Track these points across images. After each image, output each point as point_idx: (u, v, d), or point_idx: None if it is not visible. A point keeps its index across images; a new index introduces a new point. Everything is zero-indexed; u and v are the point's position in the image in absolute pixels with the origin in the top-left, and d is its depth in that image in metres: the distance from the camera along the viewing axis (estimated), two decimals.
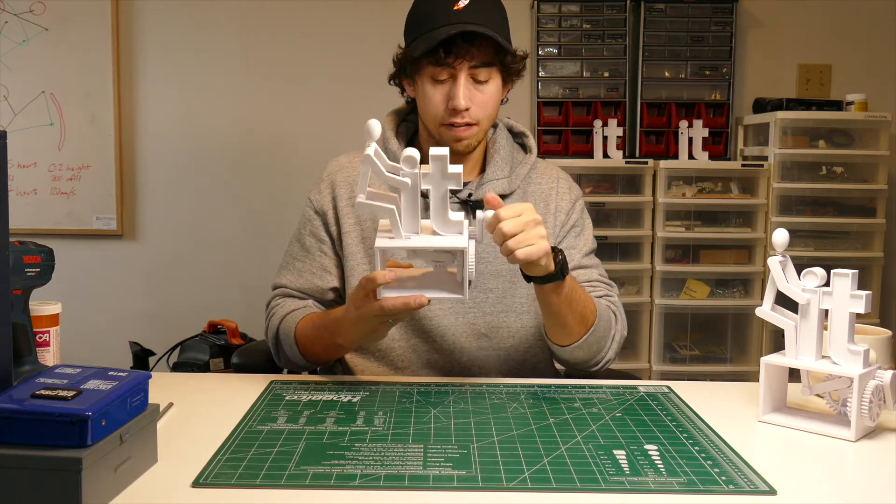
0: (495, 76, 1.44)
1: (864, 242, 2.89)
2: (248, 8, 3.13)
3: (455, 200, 1.47)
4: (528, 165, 1.56)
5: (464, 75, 1.40)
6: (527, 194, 1.54)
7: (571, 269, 1.51)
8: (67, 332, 1.37)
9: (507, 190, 1.50)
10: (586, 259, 1.56)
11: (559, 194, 1.57)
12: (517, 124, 1.62)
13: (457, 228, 1.19)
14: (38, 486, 0.80)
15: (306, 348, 1.42)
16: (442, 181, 1.18)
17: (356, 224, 1.50)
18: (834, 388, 1.14)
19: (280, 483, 0.92)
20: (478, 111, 1.43)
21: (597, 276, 1.55)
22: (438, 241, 1.19)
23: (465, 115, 1.42)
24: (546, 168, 1.61)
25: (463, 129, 1.43)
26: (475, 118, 1.43)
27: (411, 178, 1.16)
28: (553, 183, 1.58)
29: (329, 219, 1.52)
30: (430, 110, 1.44)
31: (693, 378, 2.69)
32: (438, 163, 1.17)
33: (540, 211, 1.50)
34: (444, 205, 1.18)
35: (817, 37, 3.15)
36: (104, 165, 3.14)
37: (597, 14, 3.04)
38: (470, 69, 1.40)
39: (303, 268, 1.53)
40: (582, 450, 1.03)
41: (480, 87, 1.43)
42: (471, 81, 1.41)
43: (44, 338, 1.25)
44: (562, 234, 1.55)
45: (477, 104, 1.43)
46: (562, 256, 1.30)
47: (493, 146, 1.55)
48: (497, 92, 1.46)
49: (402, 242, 1.18)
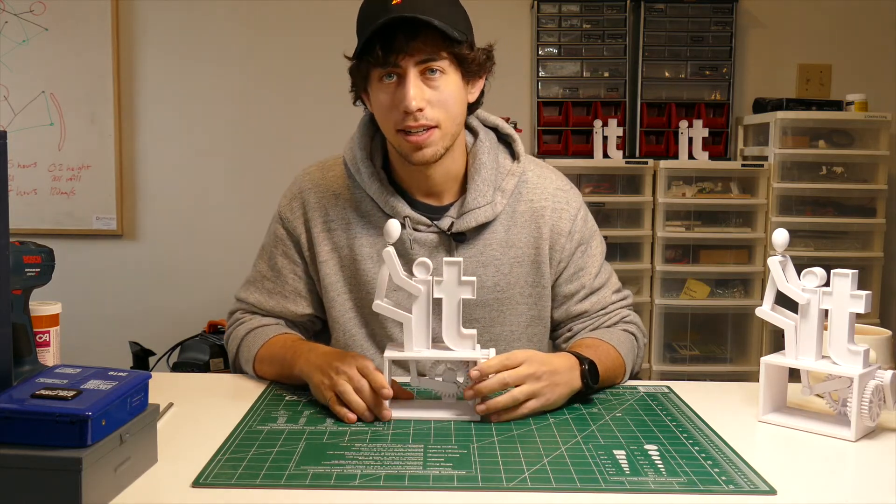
0: (451, 72, 1.29)
1: (864, 242, 2.89)
2: (249, 8, 3.13)
3: (435, 230, 1.37)
4: (514, 178, 1.40)
5: (412, 73, 1.26)
6: (516, 214, 1.40)
7: (585, 295, 1.45)
8: (67, 332, 1.37)
9: (491, 217, 1.37)
10: (598, 280, 1.45)
11: (556, 213, 1.42)
12: (503, 126, 1.46)
13: (469, 343, 1.16)
14: (38, 486, 0.80)
15: (262, 366, 1.36)
16: (456, 290, 1.15)
17: (332, 251, 1.40)
18: (834, 388, 1.14)
19: (280, 483, 0.92)
20: (435, 112, 1.28)
21: (610, 297, 1.46)
22: (448, 354, 1.16)
23: (420, 118, 1.27)
24: (539, 181, 1.44)
25: (421, 135, 1.28)
26: (433, 120, 1.28)
27: (424, 284, 1.14)
28: (547, 201, 1.42)
29: (302, 244, 1.42)
30: (383, 118, 1.31)
31: (693, 378, 2.68)
32: (454, 269, 1.15)
33: (530, 233, 1.41)
34: (458, 317, 1.15)
35: (817, 37, 3.15)
36: (104, 165, 3.14)
37: (597, 14, 3.04)
38: (418, 65, 1.26)
39: (273, 289, 1.44)
40: (582, 450, 1.03)
41: (434, 84, 1.28)
42: (423, 79, 1.27)
43: (44, 338, 1.25)
44: (564, 258, 1.43)
45: (432, 104, 1.28)
46: (587, 366, 1.22)
47: (473, 161, 1.39)
48: (457, 90, 1.30)
49: (411, 354, 1.16)
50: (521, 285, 1.41)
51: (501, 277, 1.40)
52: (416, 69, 1.27)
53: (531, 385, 1.15)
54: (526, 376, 1.15)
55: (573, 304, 1.45)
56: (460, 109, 1.33)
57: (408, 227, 1.36)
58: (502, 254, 1.40)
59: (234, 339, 1.44)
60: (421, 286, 1.14)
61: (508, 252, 1.40)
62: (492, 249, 1.39)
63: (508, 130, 1.46)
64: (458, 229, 1.36)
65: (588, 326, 1.44)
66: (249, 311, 1.47)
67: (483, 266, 1.39)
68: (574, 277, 1.44)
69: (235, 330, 1.45)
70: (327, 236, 1.41)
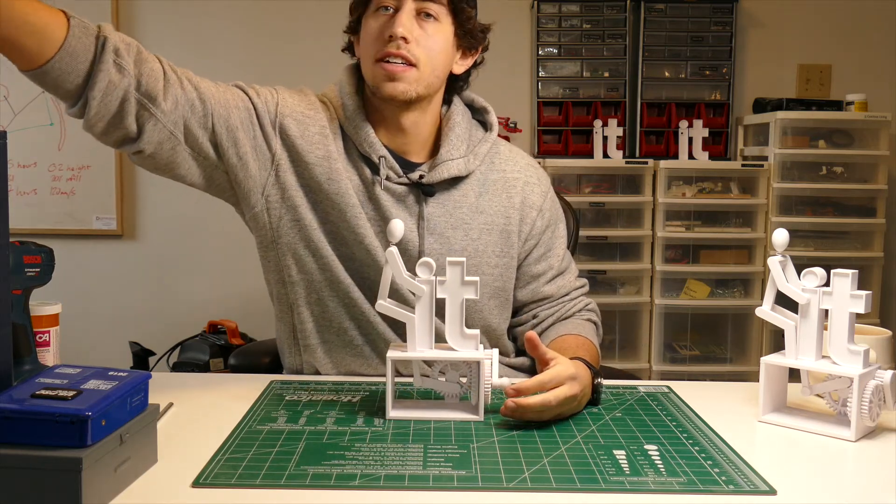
0: (445, 23, 1.33)
1: (864, 242, 2.89)
2: (249, 8, 3.13)
3: (405, 182, 1.37)
4: (487, 144, 1.43)
5: (408, 6, 1.30)
6: (487, 182, 1.42)
7: (551, 277, 1.47)
8: (67, 332, 1.37)
9: (465, 171, 1.38)
10: (563, 263, 1.49)
11: (528, 186, 1.45)
12: (479, 99, 1.48)
13: (472, 343, 1.16)
14: (38, 486, 0.80)
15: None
16: (459, 290, 1.15)
17: (303, 170, 1.34)
18: (834, 388, 1.14)
19: (280, 483, 0.92)
20: (418, 50, 1.30)
21: (572, 283, 1.50)
22: (452, 355, 1.16)
23: (403, 47, 1.29)
24: (511, 154, 1.48)
25: (399, 65, 1.29)
26: (413, 56, 1.30)
27: (427, 285, 1.14)
28: (520, 173, 1.45)
29: (266, 125, 1.32)
30: (367, 46, 1.32)
31: (693, 378, 2.70)
32: (456, 269, 1.14)
33: (501, 202, 1.42)
34: (461, 317, 1.15)
35: (817, 37, 3.15)
36: (104, 165, 3.14)
37: (597, 14, 3.05)
38: (417, 1, 1.30)
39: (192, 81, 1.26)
40: (582, 450, 1.03)
41: (427, 26, 1.31)
42: (416, 19, 1.31)
43: (44, 338, 1.25)
44: (535, 234, 1.45)
45: (418, 42, 1.30)
46: (598, 381, 1.21)
47: (447, 123, 1.41)
48: (445, 42, 1.34)
49: (414, 354, 1.16)
50: (488, 254, 1.41)
51: (470, 242, 1.40)
52: (413, 5, 1.30)
53: (566, 406, 1.13)
54: (567, 399, 1.12)
55: (541, 285, 1.47)
56: (442, 62, 1.35)
57: (382, 167, 1.35)
58: (472, 219, 1.40)
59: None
60: (424, 286, 1.14)
61: (478, 217, 1.41)
62: (461, 212, 1.39)
63: (483, 103, 1.48)
64: (429, 181, 1.36)
65: (554, 314, 1.46)
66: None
67: (452, 228, 1.39)
68: (543, 258, 1.47)
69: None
70: (302, 156, 1.35)
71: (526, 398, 1.10)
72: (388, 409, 1.14)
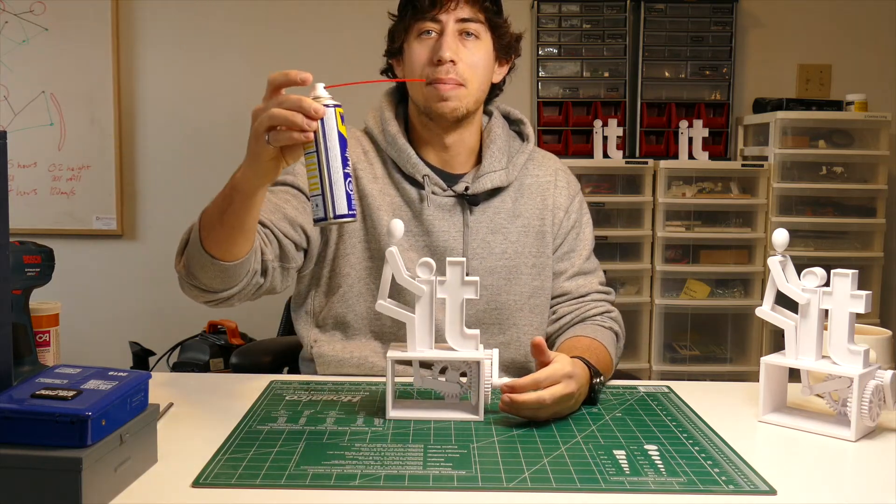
0: (485, 40, 1.40)
1: (864, 242, 2.89)
2: (249, 7, 3.13)
3: (450, 194, 1.43)
4: (525, 155, 1.50)
5: (451, 27, 1.35)
6: (523, 187, 1.49)
7: (572, 275, 1.50)
8: (67, 332, 1.37)
9: (505, 182, 1.45)
10: (587, 263, 1.53)
11: (557, 188, 1.52)
12: (514, 111, 1.56)
13: (472, 343, 1.16)
14: (38, 486, 0.80)
15: (206, 229, 1.22)
16: (459, 290, 1.15)
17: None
18: (834, 388, 1.14)
19: (280, 483, 0.92)
20: (466, 70, 1.36)
21: (596, 286, 1.52)
22: (452, 355, 1.16)
23: (451, 70, 1.35)
24: (544, 159, 1.55)
25: (449, 86, 1.35)
26: (462, 77, 1.36)
27: (427, 285, 1.14)
28: (550, 176, 1.53)
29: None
30: (415, 68, 1.37)
31: (693, 378, 2.69)
32: (456, 269, 1.14)
33: (536, 205, 1.49)
34: (461, 317, 1.15)
35: (817, 37, 3.15)
36: (104, 165, 3.14)
37: (597, 14, 3.04)
38: (458, 23, 1.36)
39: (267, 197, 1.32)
40: (582, 450, 1.03)
41: (469, 45, 1.37)
42: (459, 39, 1.36)
43: (44, 338, 1.25)
44: (560, 234, 1.51)
45: (465, 62, 1.36)
46: (598, 380, 1.22)
47: (488, 135, 1.49)
48: (487, 57, 1.40)
49: (414, 354, 1.15)
50: (526, 255, 1.47)
51: (509, 245, 1.45)
52: (455, 27, 1.36)
53: (562, 404, 1.13)
54: (563, 397, 1.12)
55: (560, 281, 1.50)
56: (486, 77, 1.42)
57: (427, 186, 1.41)
58: (510, 223, 1.47)
59: (183, 238, 1.29)
60: (424, 286, 1.14)
61: (516, 221, 1.47)
62: (500, 218, 1.46)
63: (518, 115, 1.55)
64: (474, 191, 1.42)
65: (572, 312, 1.48)
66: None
67: (492, 233, 1.45)
68: (565, 256, 1.51)
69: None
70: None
71: (521, 395, 1.10)
72: (388, 409, 1.14)
